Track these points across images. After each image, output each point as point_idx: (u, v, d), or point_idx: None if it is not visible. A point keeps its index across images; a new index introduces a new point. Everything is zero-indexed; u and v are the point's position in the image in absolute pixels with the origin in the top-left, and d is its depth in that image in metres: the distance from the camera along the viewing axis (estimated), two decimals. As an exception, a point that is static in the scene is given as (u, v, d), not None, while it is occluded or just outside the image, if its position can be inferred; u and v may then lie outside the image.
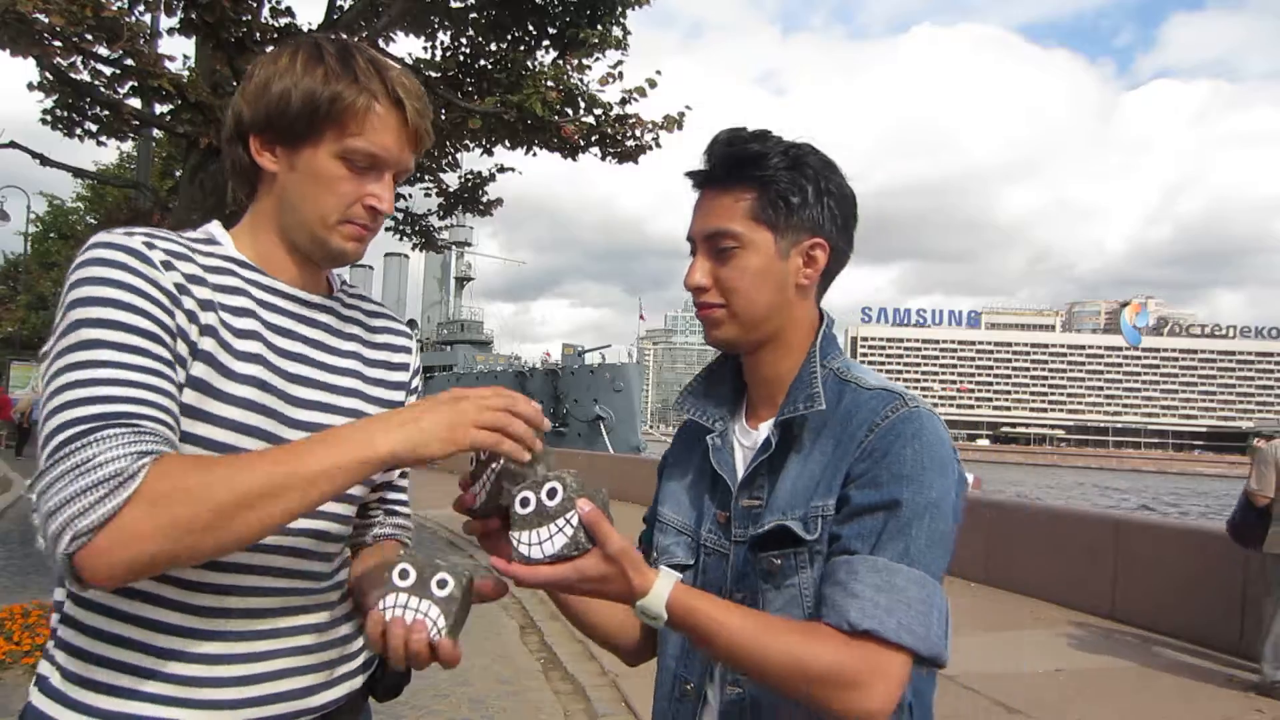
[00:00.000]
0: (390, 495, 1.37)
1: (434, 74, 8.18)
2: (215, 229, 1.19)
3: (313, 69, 1.11)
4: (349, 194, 1.14)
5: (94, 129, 8.14)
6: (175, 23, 6.72)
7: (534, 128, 7.58)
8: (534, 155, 8.32)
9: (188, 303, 1.05)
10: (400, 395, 1.29)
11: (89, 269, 1.01)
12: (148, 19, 7.59)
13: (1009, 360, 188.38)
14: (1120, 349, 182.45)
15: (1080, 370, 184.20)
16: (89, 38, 6.10)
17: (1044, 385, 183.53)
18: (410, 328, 1.41)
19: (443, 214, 10.43)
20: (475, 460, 1.07)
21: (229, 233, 1.20)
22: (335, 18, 7.85)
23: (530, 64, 8.01)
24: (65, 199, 25.17)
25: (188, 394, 1.04)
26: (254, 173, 1.17)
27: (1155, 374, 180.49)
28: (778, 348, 1.24)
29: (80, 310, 0.99)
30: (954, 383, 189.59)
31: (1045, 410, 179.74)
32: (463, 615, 1.05)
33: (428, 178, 9.78)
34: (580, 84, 7.68)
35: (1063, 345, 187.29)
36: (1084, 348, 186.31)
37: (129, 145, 13.15)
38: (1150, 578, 7.09)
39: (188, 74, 7.08)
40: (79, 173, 9.18)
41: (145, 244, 1.05)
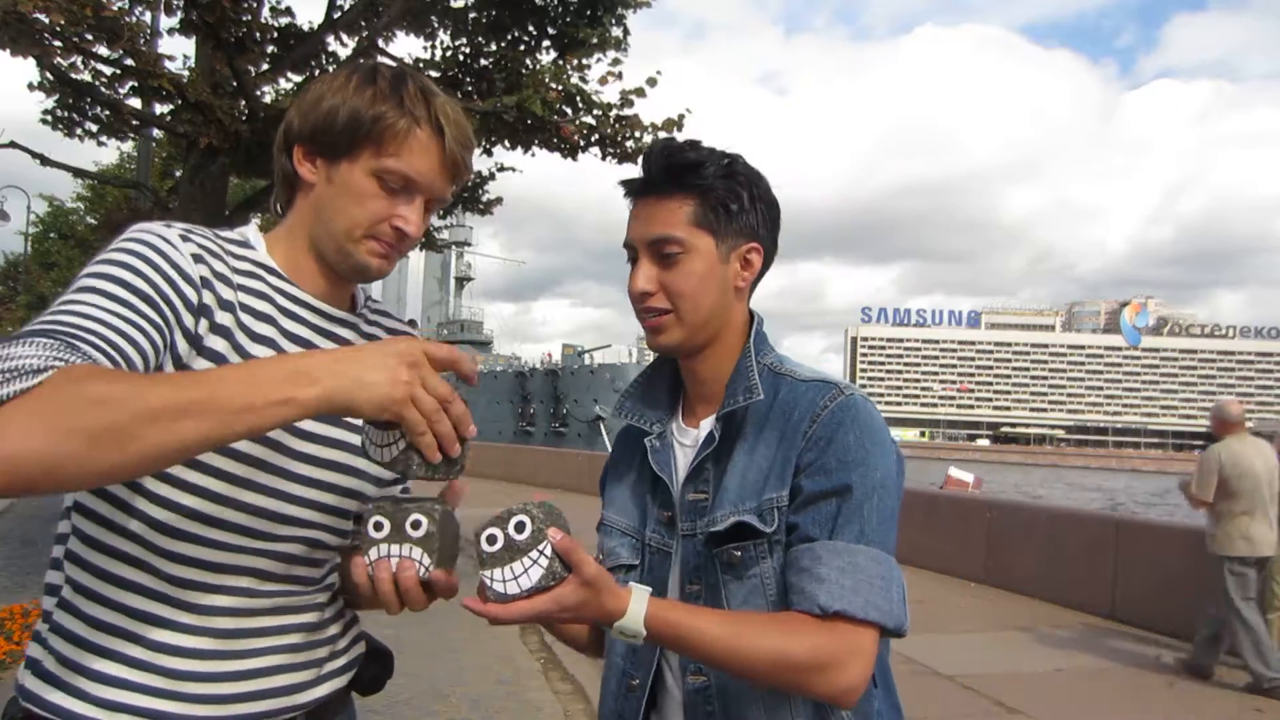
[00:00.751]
0: None
1: (434, 74, 8.19)
2: (251, 232, 1.22)
3: (363, 90, 1.14)
4: (378, 211, 1.15)
5: (94, 129, 8.15)
6: (175, 23, 6.73)
7: (534, 128, 7.58)
8: (534, 155, 8.32)
9: (207, 297, 1.07)
10: None
11: (119, 243, 1.05)
12: (148, 19, 7.59)
13: (1009, 360, 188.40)
14: (1120, 349, 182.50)
15: (1080, 370, 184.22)
16: (89, 38, 6.10)
17: (1044, 385, 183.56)
18: (410, 328, 1.41)
19: (442, 214, 10.43)
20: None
21: (264, 237, 1.22)
22: (335, 17, 7.85)
23: (530, 64, 8.02)
24: (65, 199, 25.14)
25: (204, 364, 1.06)
26: (295, 182, 1.20)
27: (1155, 374, 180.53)
28: (717, 348, 1.28)
29: (93, 268, 1.01)
30: (954, 383, 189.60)
31: (1045, 410, 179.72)
32: (448, 546, 1.04)
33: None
34: (580, 84, 7.69)
35: (1063, 345, 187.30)
36: (1084, 348, 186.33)
37: (129, 145, 13.15)
38: (1150, 578, 7.09)
39: (188, 74, 7.07)
40: (79, 173, 9.18)
41: (181, 236, 1.09)
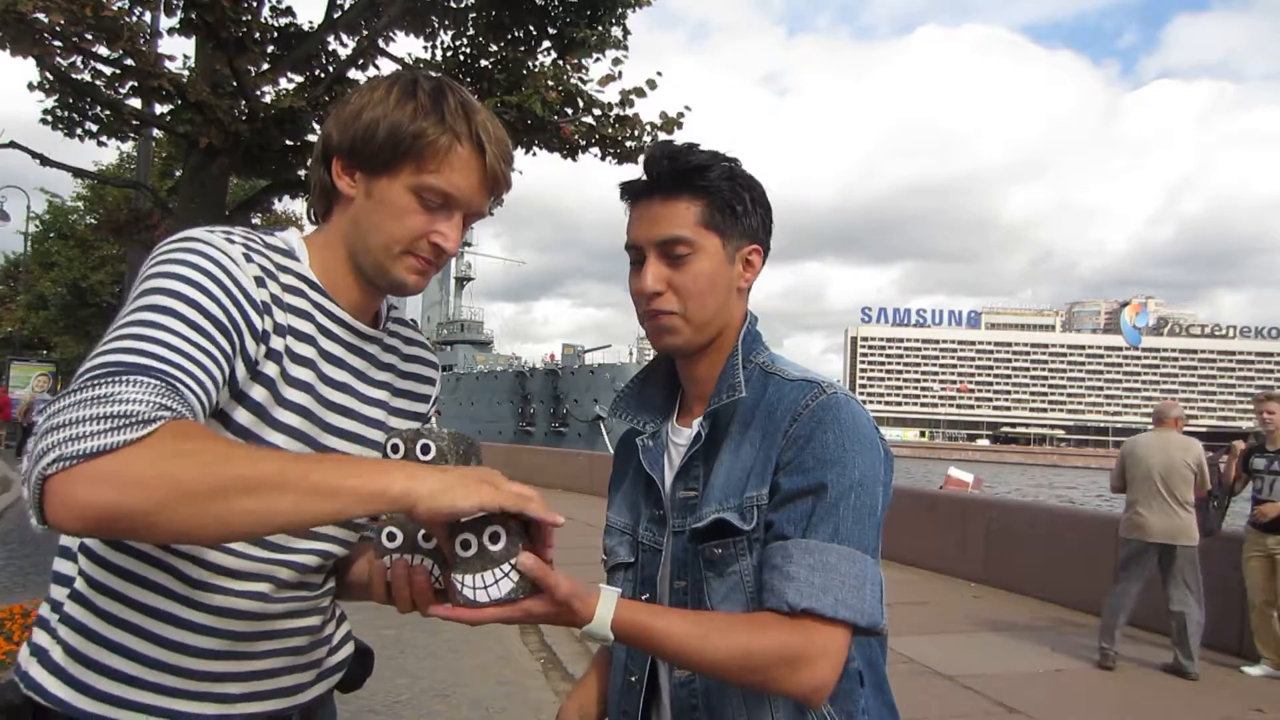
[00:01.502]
0: None
1: (434, 74, 8.19)
2: (294, 240, 1.20)
3: (404, 104, 1.14)
4: (417, 228, 1.15)
5: (94, 129, 8.14)
6: (175, 23, 6.72)
7: (534, 128, 7.58)
8: (534, 155, 8.32)
9: (267, 322, 1.08)
10: (416, 425, 1.33)
11: (184, 253, 1.03)
12: (148, 19, 7.59)
13: (1009, 360, 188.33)
14: (1120, 349, 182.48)
15: (1080, 370, 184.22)
16: (89, 38, 6.10)
17: (1044, 385, 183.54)
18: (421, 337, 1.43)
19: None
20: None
21: (306, 243, 1.21)
22: (336, 17, 7.85)
23: (530, 64, 8.01)
24: (65, 199, 25.16)
25: (243, 415, 1.06)
26: (333, 194, 1.20)
27: (1155, 374, 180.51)
28: (715, 348, 1.30)
29: (163, 281, 0.99)
30: (954, 383, 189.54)
31: (1045, 410, 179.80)
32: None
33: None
34: (580, 84, 7.69)
35: (1063, 345, 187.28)
36: (1084, 348, 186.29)
37: (129, 145, 13.15)
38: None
39: (188, 74, 7.07)
40: (79, 173, 9.18)
41: (245, 254, 1.08)
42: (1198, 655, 5.72)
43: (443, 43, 8.55)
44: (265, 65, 7.34)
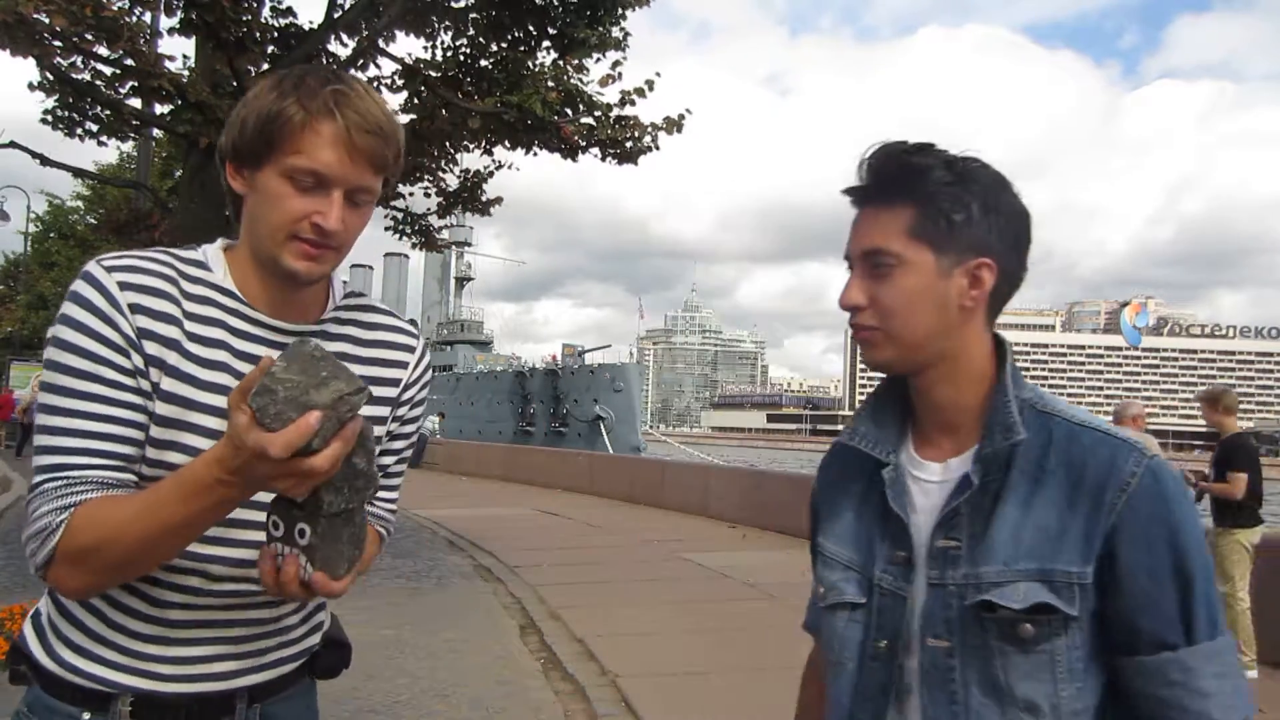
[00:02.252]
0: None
1: (434, 74, 8.19)
2: (211, 252, 1.25)
3: (268, 93, 1.15)
4: (295, 211, 1.15)
5: (94, 129, 8.15)
6: (175, 23, 6.73)
7: (534, 128, 7.58)
8: (534, 155, 8.32)
9: (150, 347, 1.15)
10: (383, 410, 1.32)
11: (68, 307, 1.15)
12: (148, 19, 7.59)
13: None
14: (1120, 349, 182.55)
15: (1080, 370, 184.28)
16: (89, 38, 6.10)
17: (1044, 385, 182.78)
18: (392, 317, 1.40)
19: (442, 213, 10.43)
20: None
21: (227, 254, 1.25)
22: (336, 17, 7.85)
23: (530, 64, 8.02)
24: (65, 198, 25.17)
25: (156, 430, 1.15)
26: (237, 198, 1.22)
27: (1155, 374, 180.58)
28: (948, 373, 1.18)
29: (52, 351, 1.15)
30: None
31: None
32: (335, 551, 1.10)
33: (427, 178, 9.78)
34: (580, 84, 7.69)
35: (1063, 345, 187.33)
36: (1084, 348, 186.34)
37: (129, 145, 13.16)
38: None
39: (188, 74, 7.07)
40: (79, 173, 9.18)
41: (120, 284, 1.15)
42: None
43: (443, 43, 8.56)
44: (265, 65, 7.34)
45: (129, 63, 6.49)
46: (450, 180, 9.96)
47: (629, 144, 8.02)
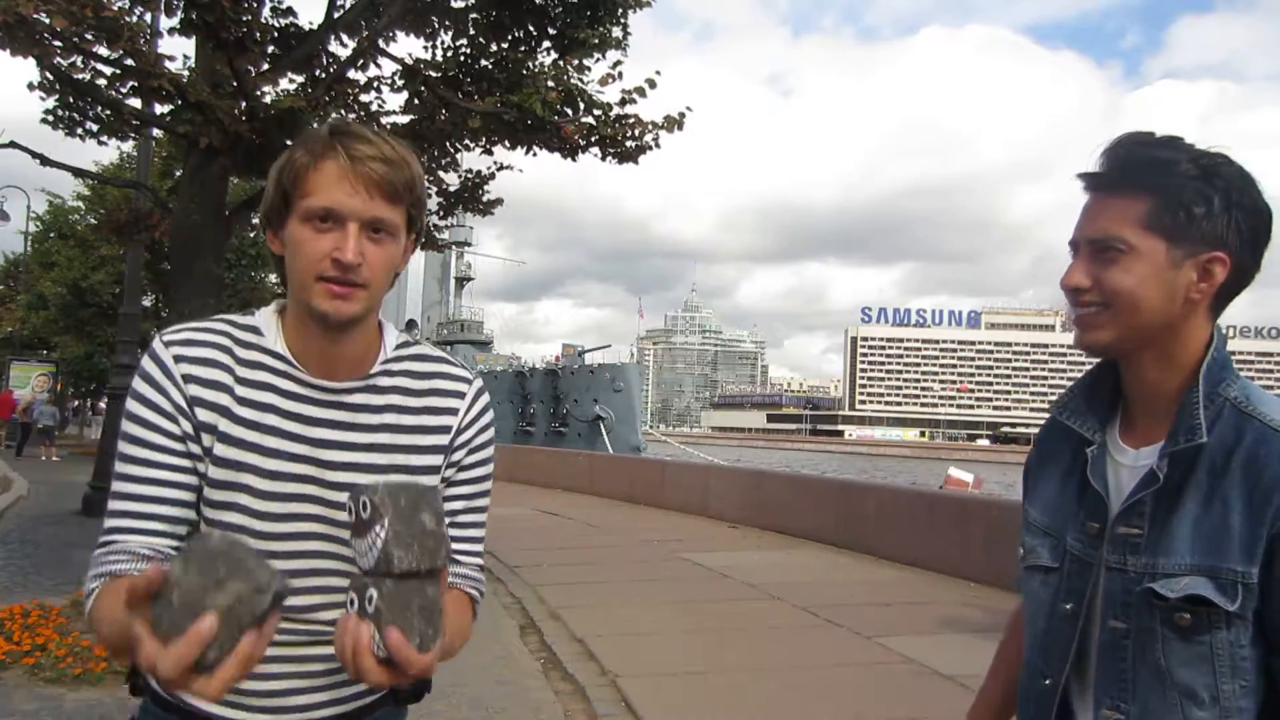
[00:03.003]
0: (453, 543, 1.31)
1: (434, 74, 8.18)
2: (264, 319, 1.30)
3: (285, 155, 1.23)
4: (316, 252, 1.19)
5: (95, 129, 8.15)
6: (175, 23, 6.72)
7: (534, 128, 7.58)
8: (534, 155, 8.31)
9: (201, 414, 1.23)
10: (435, 459, 1.33)
11: (134, 380, 1.26)
12: (148, 19, 7.59)
13: (1009, 360, 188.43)
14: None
15: (1080, 370, 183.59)
16: (89, 38, 6.10)
17: (1044, 385, 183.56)
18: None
19: (443, 214, 10.43)
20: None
21: (280, 317, 1.30)
22: (336, 17, 7.85)
23: (530, 64, 8.01)
24: (66, 198, 25.14)
25: (210, 491, 1.23)
26: (281, 262, 1.27)
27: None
28: (1159, 360, 1.20)
29: (122, 424, 1.25)
30: (954, 383, 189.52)
31: (1045, 410, 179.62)
32: (404, 620, 1.02)
33: (427, 178, 9.77)
34: (580, 84, 7.68)
35: (1063, 345, 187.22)
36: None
37: (129, 145, 13.16)
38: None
39: (188, 74, 7.07)
40: (79, 172, 9.18)
41: (175, 357, 1.24)
42: None
43: (443, 43, 8.55)
44: (265, 65, 7.34)
45: (129, 63, 6.49)
46: (451, 180, 9.96)
47: (629, 143, 8.02)
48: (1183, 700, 1.13)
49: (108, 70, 7.12)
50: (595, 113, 7.81)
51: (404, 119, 8.43)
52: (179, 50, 31.33)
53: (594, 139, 7.91)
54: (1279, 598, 1.10)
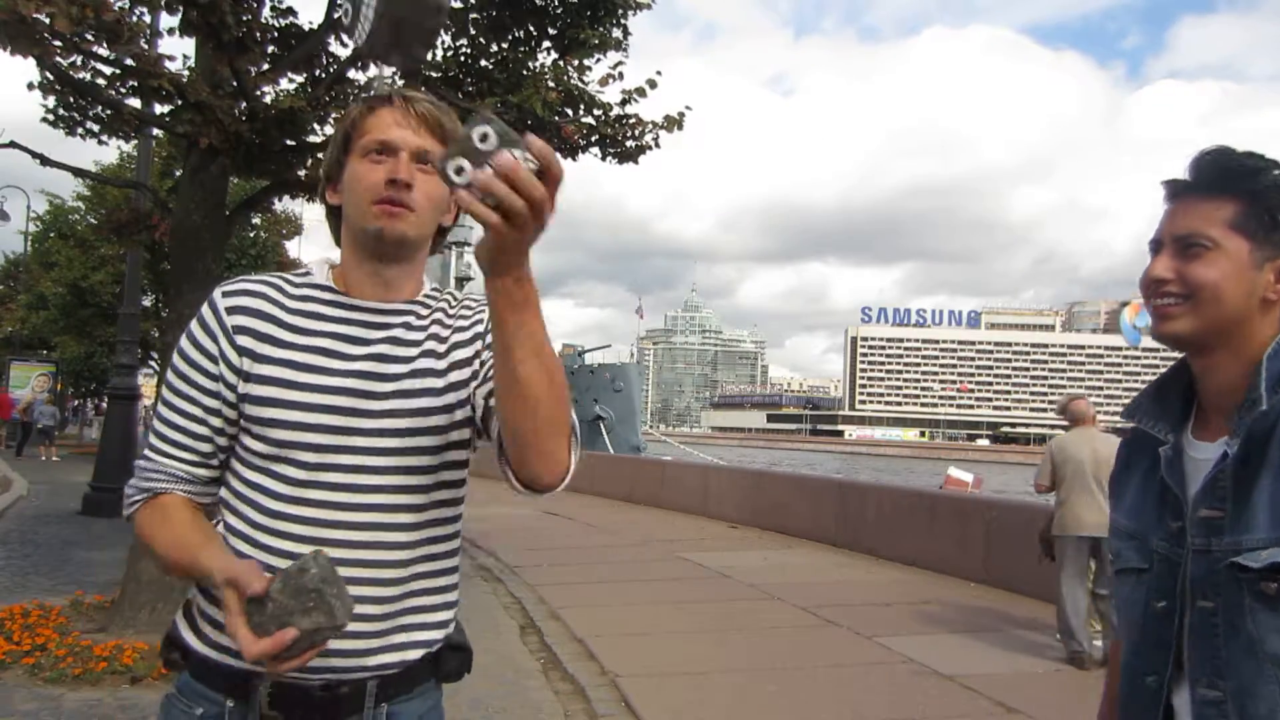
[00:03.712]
0: None
1: (434, 74, 8.18)
2: (317, 265, 1.46)
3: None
4: (372, 178, 1.34)
5: (95, 129, 8.14)
6: (175, 23, 6.72)
7: (534, 128, 7.57)
8: (534, 155, 8.30)
9: (242, 340, 1.35)
10: (469, 350, 1.41)
11: (191, 325, 1.40)
12: (148, 19, 7.58)
13: (1009, 360, 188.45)
14: (1120, 349, 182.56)
15: (1080, 370, 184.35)
16: (89, 38, 6.09)
17: (1044, 385, 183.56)
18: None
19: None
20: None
21: (331, 269, 1.45)
22: (335, 17, 7.84)
23: (530, 65, 8.01)
24: (66, 198, 25.09)
25: (252, 408, 1.33)
26: (337, 214, 1.44)
27: (1155, 374, 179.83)
28: (1230, 356, 1.26)
29: (172, 359, 1.42)
30: (954, 383, 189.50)
31: (1045, 410, 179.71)
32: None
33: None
34: (580, 85, 7.68)
35: (1063, 345, 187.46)
36: (1084, 348, 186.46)
37: (129, 145, 13.15)
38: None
39: (188, 74, 7.07)
40: (79, 172, 9.17)
41: (224, 293, 1.39)
42: None
43: (443, 43, 8.54)
44: (265, 65, 7.33)
45: (129, 63, 6.48)
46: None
47: (629, 143, 8.01)
48: (1277, 670, 1.16)
49: (108, 70, 7.11)
50: (596, 113, 7.80)
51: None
52: (179, 50, 31.34)
53: (594, 139, 7.91)
54: None
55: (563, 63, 7.75)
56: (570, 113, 7.72)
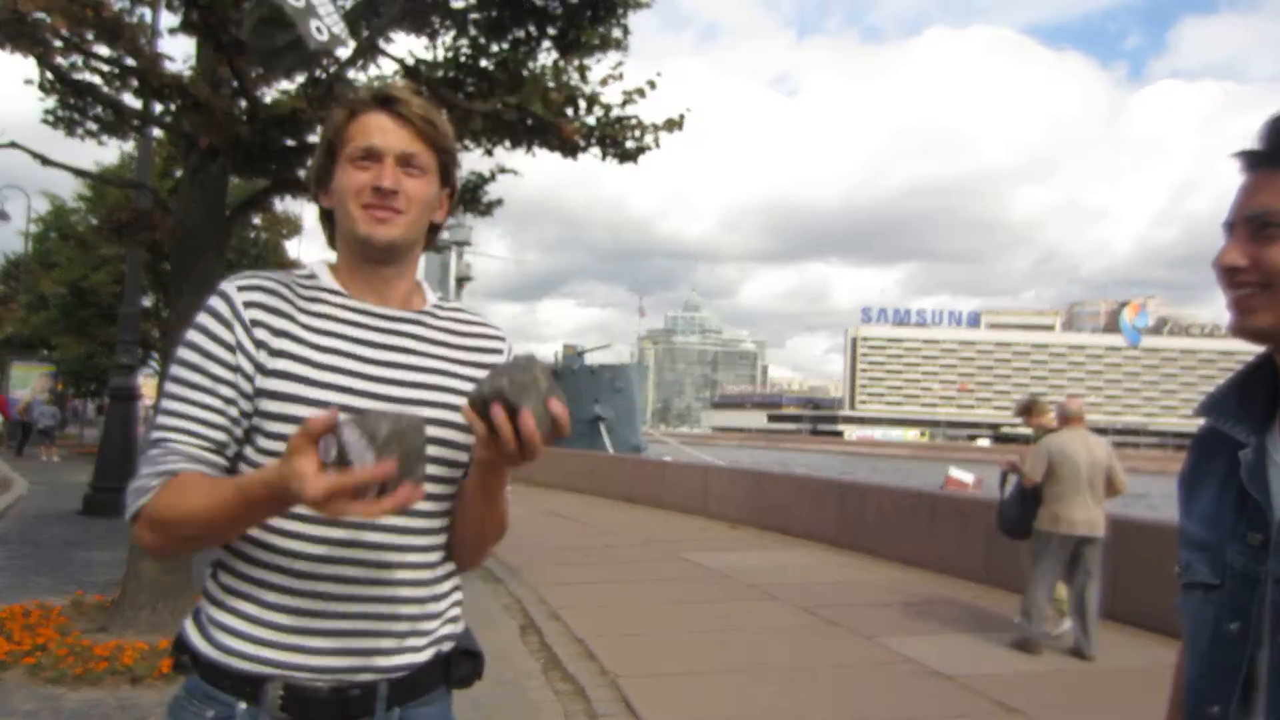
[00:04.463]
0: None
1: (435, 74, 8.18)
2: (317, 266, 1.46)
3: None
4: (358, 184, 1.36)
5: (95, 129, 8.14)
6: (175, 23, 6.72)
7: (534, 129, 7.57)
8: (533, 155, 8.31)
9: (259, 333, 1.34)
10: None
11: (201, 315, 1.37)
12: (148, 19, 7.59)
13: (1009, 360, 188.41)
14: (1120, 349, 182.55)
15: (1080, 370, 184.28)
16: (89, 37, 6.10)
17: (1044, 385, 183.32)
18: (494, 330, 1.58)
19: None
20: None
21: (329, 267, 1.46)
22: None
23: (531, 65, 8.01)
24: (66, 199, 25.09)
25: (268, 403, 1.32)
26: (330, 219, 1.45)
27: (1155, 374, 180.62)
28: None
29: (179, 350, 1.37)
30: (954, 383, 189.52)
31: (1046, 410, 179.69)
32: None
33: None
34: (581, 85, 7.68)
35: (1063, 345, 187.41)
36: (1084, 348, 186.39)
37: (130, 145, 13.15)
38: (1148, 577, 7.09)
39: (188, 74, 7.07)
40: (79, 173, 9.17)
41: (240, 288, 1.37)
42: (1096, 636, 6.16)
43: (443, 43, 8.54)
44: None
45: (129, 63, 6.48)
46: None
47: (629, 143, 8.01)
48: None
49: (108, 70, 7.11)
50: (596, 113, 7.81)
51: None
52: (179, 50, 31.31)
53: (594, 139, 7.91)
54: None
55: (563, 63, 7.75)
56: (570, 113, 7.72)
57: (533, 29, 8.25)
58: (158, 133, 10.49)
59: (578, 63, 7.74)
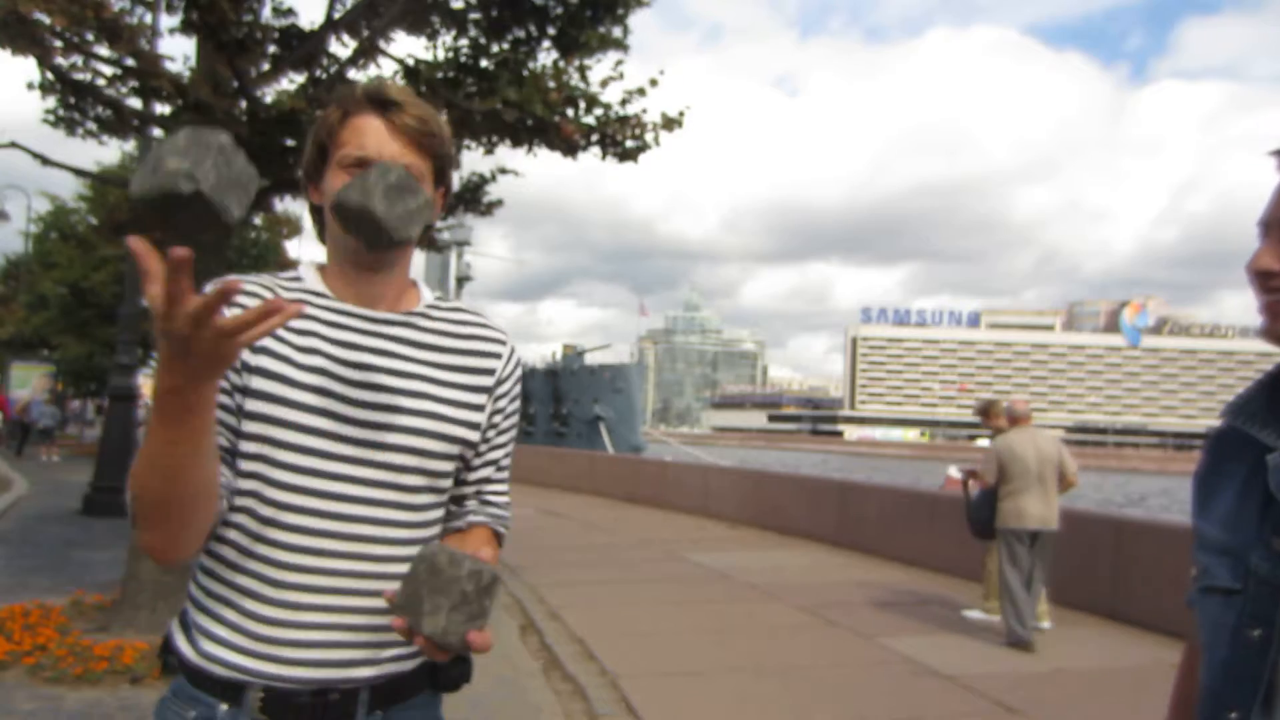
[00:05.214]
0: (487, 487, 1.52)
1: (435, 74, 8.18)
2: (304, 268, 1.43)
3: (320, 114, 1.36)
4: None
5: (95, 129, 8.14)
6: (175, 23, 6.72)
7: (535, 129, 7.58)
8: (534, 155, 8.31)
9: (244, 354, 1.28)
10: (479, 398, 1.43)
11: None
12: (148, 19, 7.59)
13: (1009, 360, 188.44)
14: (1120, 349, 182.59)
15: (1080, 370, 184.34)
16: (89, 37, 6.10)
17: (1044, 385, 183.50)
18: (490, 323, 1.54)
19: (443, 214, 10.41)
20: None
21: (319, 270, 1.43)
22: (335, 17, 7.84)
23: (531, 65, 8.01)
24: (66, 199, 25.09)
25: (253, 402, 1.29)
26: (318, 214, 1.41)
27: (1155, 374, 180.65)
28: None
29: None
30: (954, 383, 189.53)
31: (1045, 410, 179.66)
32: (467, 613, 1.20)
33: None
34: (581, 85, 7.68)
35: (1063, 345, 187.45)
36: (1084, 348, 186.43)
37: (130, 145, 13.15)
38: (1149, 577, 7.09)
39: (188, 74, 7.07)
40: (79, 172, 9.17)
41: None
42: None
43: (443, 43, 8.54)
44: (266, 66, 7.34)
45: (129, 63, 6.48)
46: (451, 181, 9.94)
47: (629, 142, 8.01)
48: None
49: (108, 70, 7.11)
50: (596, 112, 7.81)
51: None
52: (179, 50, 31.29)
53: (594, 138, 7.91)
54: None
55: (563, 63, 7.75)
56: (571, 113, 7.72)
57: (533, 29, 8.25)
58: (158, 133, 10.48)
59: (578, 62, 7.74)
